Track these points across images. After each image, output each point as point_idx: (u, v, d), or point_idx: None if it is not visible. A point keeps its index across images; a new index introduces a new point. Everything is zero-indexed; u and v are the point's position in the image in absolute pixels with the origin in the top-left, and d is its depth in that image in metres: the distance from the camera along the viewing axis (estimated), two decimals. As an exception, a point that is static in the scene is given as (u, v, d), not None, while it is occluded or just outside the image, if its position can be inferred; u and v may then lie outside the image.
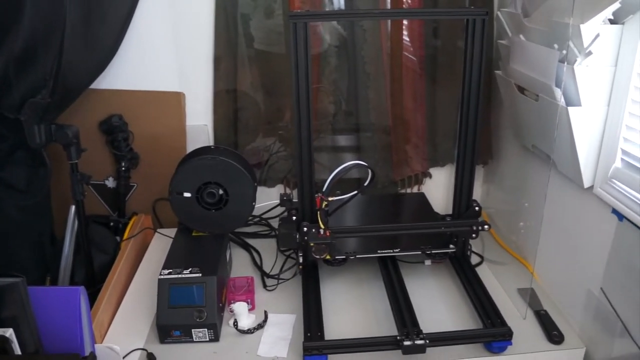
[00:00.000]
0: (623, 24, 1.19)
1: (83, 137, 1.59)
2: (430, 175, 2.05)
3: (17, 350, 1.09)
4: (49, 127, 1.51)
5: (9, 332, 1.06)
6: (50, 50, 1.36)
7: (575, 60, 1.23)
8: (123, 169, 1.84)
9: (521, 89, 1.54)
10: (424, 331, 1.33)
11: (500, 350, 1.35)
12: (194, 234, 1.66)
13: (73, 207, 1.74)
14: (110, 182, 1.91)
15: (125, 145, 1.82)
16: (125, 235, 1.77)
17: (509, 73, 1.60)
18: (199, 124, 1.90)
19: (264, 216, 2.00)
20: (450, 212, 1.69)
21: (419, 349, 1.30)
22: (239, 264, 1.76)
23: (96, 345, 1.28)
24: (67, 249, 1.76)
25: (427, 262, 1.71)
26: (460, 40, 1.76)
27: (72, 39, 1.39)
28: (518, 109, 1.61)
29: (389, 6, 1.85)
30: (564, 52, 1.26)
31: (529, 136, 1.62)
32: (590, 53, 1.20)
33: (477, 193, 2.06)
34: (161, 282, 1.42)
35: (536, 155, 1.61)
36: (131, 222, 1.84)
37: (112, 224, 1.87)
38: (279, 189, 2.03)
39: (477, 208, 1.59)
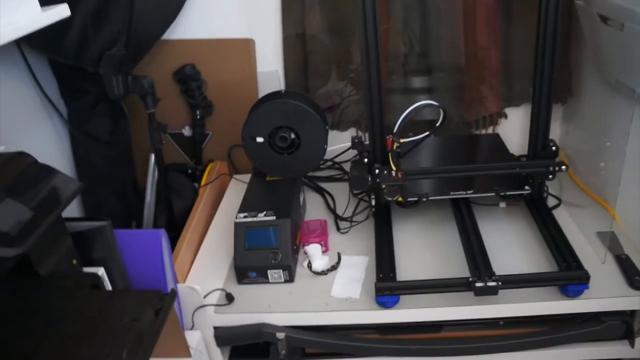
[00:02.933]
0: None
1: (158, 88, 1.65)
2: (505, 116, 1.98)
3: (108, 287, 1.19)
4: (126, 78, 1.58)
5: (101, 271, 1.15)
6: (122, 5, 1.40)
7: (665, -16, 1.14)
8: (198, 117, 1.90)
9: (604, 19, 1.44)
10: (497, 273, 1.32)
11: (576, 294, 1.32)
12: (268, 178, 1.71)
13: (153, 156, 1.82)
14: (187, 131, 1.98)
15: (199, 93, 1.87)
16: (203, 182, 1.84)
17: (591, 2, 1.50)
18: (270, 69, 1.92)
19: (336, 160, 2.02)
20: (526, 153, 1.64)
21: (491, 291, 1.29)
22: (313, 208, 1.80)
23: (178, 285, 1.36)
24: (149, 196, 1.86)
25: (502, 205, 1.67)
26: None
27: (142, -8, 1.43)
28: (601, 40, 1.52)
29: None
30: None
31: (613, 70, 1.52)
32: (681, -25, 1.11)
33: (555, 133, 1.97)
34: (237, 226, 1.47)
35: (620, 91, 1.51)
36: (208, 169, 1.91)
37: (189, 171, 1.95)
38: (351, 132, 2.03)
39: (554, 148, 1.53)
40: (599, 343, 1.39)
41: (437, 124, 1.59)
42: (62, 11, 1.11)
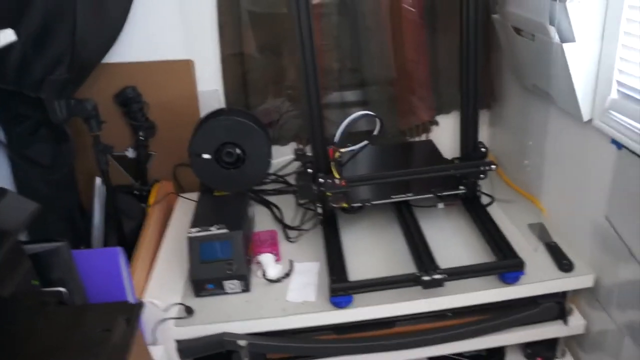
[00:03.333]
0: (613, -42, 1.24)
1: (100, 111, 1.66)
2: (437, 123, 2.12)
3: (70, 307, 1.19)
4: (69, 102, 1.58)
5: (64, 291, 1.16)
6: (64, 27, 1.42)
7: (568, -2, 1.29)
8: (141, 138, 1.92)
9: (518, 30, 1.59)
10: (441, 267, 1.42)
11: (513, 280, 1.44)
12: (215, 193, 1.75)
13: (98, 179, 1.82)
14: (130, 153, 1.99)
15: (141, 115, 1.90)
16: (151, 201, 1.86)
17: (506, 16, 1.65)
18: (210, 89, 1.97)
19: (279, 173, 2.08)
20: (458, 156, 1.77)
21: (438, 283, 1.39)
22: (261, 220, 1.85)
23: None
24: (97, 218, 1.85)
25: (440, 206, 1.79)
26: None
27: (85, 15, 1.45)
28: (516, 50, 1.67)
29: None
30: (557, -10, 1.31)
31: (528, 76, 1.68)
32: (582, -10, 1.26)
33: (484, 136, 2.12)
34: (191, 240, 1.50)
35: (536, 94, 1.67)
36: (154, 189, 1.93)
37: (136, 192, 1.96)
38: (291, 147, 2.10)
39: (483, 149, 1.66)
40: (538, 325, 1.52)
41: (375, 133, 1.69)
42: (8, 36, 1.12)
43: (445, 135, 2.12)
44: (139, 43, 1.84)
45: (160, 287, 1.55)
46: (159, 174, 2.02)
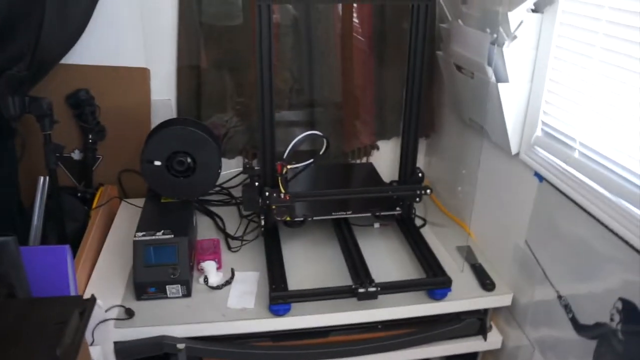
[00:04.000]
0: (543, 12, 1.39)
1: (52, 110, 1.68)
2: (377, 147, 2.24)
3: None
4: (23, 99, 1.59)
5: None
6: (29, 25, 1.43)
7: (504, 43, 1.43)
8: (90, 141, 1.93)
9: (459, 68, 1.73)
10: (376, 281, 1.51)
11: (441, 296, 1.55)
12: (162, 200, 1.78)
13: (42, 178, 1.81)
14: (77, 155, 1.99)
15: (93, 118, 1.91)
16: (94, 204, 1.87)
17: (449, 53, 1.78)
18: (163, 98, 2.01)
19: (224, 185, 2.13)
20: (395, 179, 1.88)
21: (372, 295, 1.48)
22: (204, 229, 1.90)
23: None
24: (36, 218, 1.84)
25: (377, 225, 1.89)
26: (406, 22, 1.94)
27: (50, 15, 1.47)
28: (456, 85, 1.81)
29: (342, -9, 2.01)
30: (495, 35, 1.45)
31: (466, 110, 1.82)
32: (515, 37, 1.40)
33: (420, 164, 2.24)
34: (136, 243, 1.53)
35: (472, 127, 1.81)
36: (99, 192, 1.94)
37: (80, 194, 1.96)
38: (237, 160, 2.17)
39: (420, 175, 1.78)
40: (460, 339, 1.63)
41: (321, 152, 1.78)
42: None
43: (384, 159, 2.24)
44: (97, 46, 1.86)
45: (100, 289, 1.57)
46: (103, 178, 2.04)
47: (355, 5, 2.02)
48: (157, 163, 1.69)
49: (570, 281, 1.35)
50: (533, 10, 1.40)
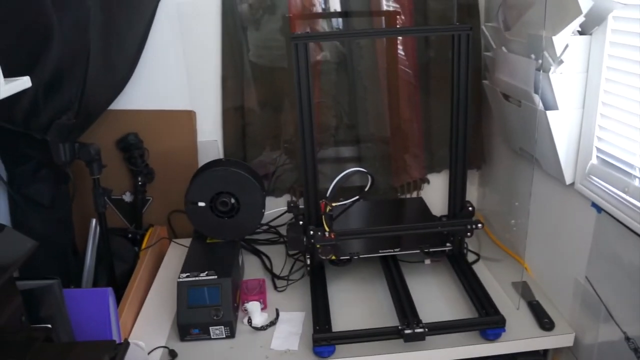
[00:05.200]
0: (590, 34, 1.32)
1: (102, 155, 1.72)
2: (428, 181, 2.18)
3: (56, 344, 1.21)
4: (73, 145, 1.64)
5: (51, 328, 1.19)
6: (75, 76, 1.49)
7: (550, 69, 1.36)
8: (140, 183, 1.97)
9: (506, 96, 1.66)
10: (424, 321, 1.44)
11: (495, 337, 1.46)
12: (208, 240, 1.79)
13: (94, 220, 1.86)
14: (127, 197, 2.04)
15: (142, 161, 1.96)
16: (144, 245, 1.90)
17: (495, 82, 1.72)
18: (210, 139, 2.04)
19: (272, 224, 2.12)
20: (444, 214, 1.81)
21: (419, 337, 1.41)
22: (251, 268, 1.88)
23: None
24: (89, 259, 1.88)
25: (427, 262, 1.82)
26: (451, 52, 1.90)
27: (95, 66, 1.53)
28: (504, 115, 1.74)
29: (383, 25, 1.99)
30: (540, 61, 1.39)
31: (516, 140, 1.74)
32: (562, 61, 1.33)
33: (474, 196, 2.19)
34: (180, 285, 1.53)
35: (523, 157, 1.73)
36: (148, 233, 1.97)
37: (130, 235, 1.99)
38: (286, 198, 2.15)
39: (470, 208, 1.71)
40: (517, 383, 1.52)
41: (366, 189, 1.74)
42: (24, 83, 1.18)
43: (436, 193, 2.17)
44: (143, 92, 1.92)
45: (145, 330, 1.57)
46: (153, 219, 2.07)
47: (400, 38, 2.00)
48: (201, 204, 1.71)
49: (638, 321, 1.24)
50: (580, 32, 1.33)
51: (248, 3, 1.90)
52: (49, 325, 1.17)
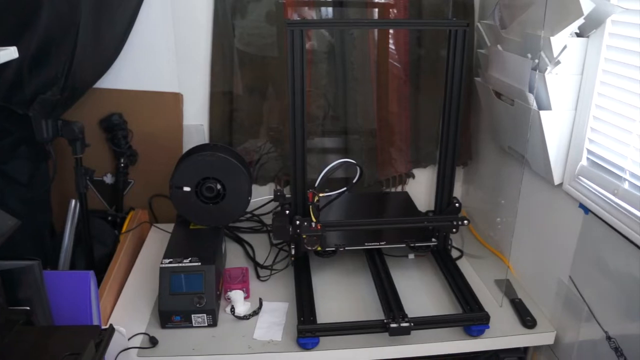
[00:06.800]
0: (588, 37, 1.33)
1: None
2: (413, 176, 2.18)
3: (34, 327, 1.17)
4: (56, 122, 1.59)
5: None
6: (63, 50, 1.45)
7: (546, 69, 1.36)
8: (122, 165, 1.93)
9: (498, 95, 1.67)
10: (409, 316, 1.44)
11: (478, 333, 1.47)
12: (191, 226, 1.75)
13: (73, 201, 1.82)
14: (109, 179, 1.99)
15: (125, 142, 1.91)
16: (124, 229, 1.86)
17: (488, 80, 1.72)
18: (196, 123, 2.00)
19: (255, 212, 2.10)
20: (431, 209, 1.81)
21: (404, 331, 1.41)
22: (233, 257, 1.86)
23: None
24: (67, 241, 1.83)
25: (411, 256, 1.82)
26: (442, 49, 1.90)
27: (84, 40, 1.48)
28: (495, 113, 1.74)
29: (376, 16, 1.98)
30: (536, 61, 1.39)
31: (505, 138, 1.75)
32: (559, 62, 1.33)
33: (457, 192, 2.19)
34: (163, 271, 1.50)
35: (511, 155, 1.74)
36: (129, 217, 1.93)
37: (110, 218, 1.95)
38: (269, 187, 2.13)
39: (457, 205, 1.71)
40: (498, 380, 1.54)
41: (355, 180, 1.73)
42: (11, 53, 1.14)
43: (420, 187, 2.18)
44: (130, 71, 1.87)
45: (125, 315, 1.54)
46: (134, 202, 2.03)
47: (391, 30, 1.99)
48: (186, 189, 1.67)
49: (620, 321, 1.26)
50: (577, 34, 1.34)
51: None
52: (28, 308, 1.13)
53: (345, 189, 1.74)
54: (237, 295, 1.58)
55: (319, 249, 1.67)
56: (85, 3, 1.44)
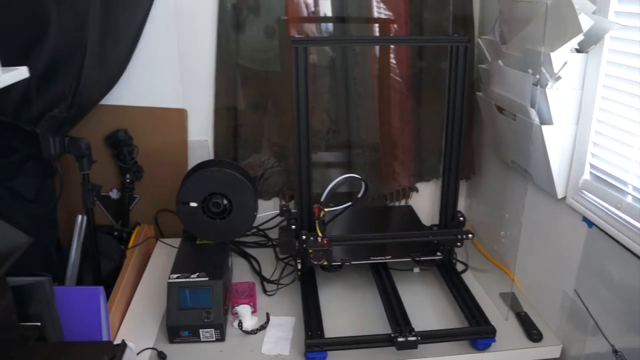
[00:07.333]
0: (587, 52, 1.35)
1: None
2: (416, 190, 2.19)
3: (45, 344, 1.18)
4: (63, 139, 1.61)
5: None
6: (71, 68, 1.47)
7: (547, 84, 1.38)
8: (128, 180, 1.94)
9: (500, 109, 1.68)
10: (416, 330, 1.45)
11: (485, 347, 1.47)
12: (197, 242, 1.77)
13: (80, 216, 1.82)
14: (114, 194, 2.00)
15: (130, 158, 1.93)
16: (131, 244, 1.87)
17: (489, 95, 1.74)
18: (200, 139, 2.02)
19: (261, 227, 2.11)
20: (435, 223, 1.83)
21: (412, 345, 1.42)
22: (239, 271, 1.87)
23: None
24: (73, 256, 1.84)
25: (416, 270, 1.83)
26: (443, 63, 1.92)
27: (90, 59, 1.50)
28: (497, 127, 1.76)
29: (377, 32, 2.00)
30: (537, 76, 1.41)
31: (508, 152, 1.76)
32: (559, 77, 1.36)
33: (461, 206, 2.20)
34: (170, 286, 1.51)
35: (514, 169, 1.76)
36: (135, 232, 1.94)
37: (116, 233, 1.96)
38: (274, 202, 2.15)
39: (461, 218, 1.72)
40: (504, 393, 1.54)
41: (360, 195, 1.74)
42: (22, 73, 1.16)
43: (424, 201, 2.19)
44: (135, 88, 1.88)
45: (133, 330, 1.55)
46: (140, 218, 2.04)
47: (392, 46, 2.01)
48: (193, 204, 1.69)
49: (626, 334, 1.26)
50: (577, 50, 1.36)
51: (231, 3, 1.88)
52: (39, 324, 1.14)
53: (350, 203, 1.75)
54: (244, 310, 1.59)
55: (325, 263, 1.68)
56: (92, 23, 1.46)
